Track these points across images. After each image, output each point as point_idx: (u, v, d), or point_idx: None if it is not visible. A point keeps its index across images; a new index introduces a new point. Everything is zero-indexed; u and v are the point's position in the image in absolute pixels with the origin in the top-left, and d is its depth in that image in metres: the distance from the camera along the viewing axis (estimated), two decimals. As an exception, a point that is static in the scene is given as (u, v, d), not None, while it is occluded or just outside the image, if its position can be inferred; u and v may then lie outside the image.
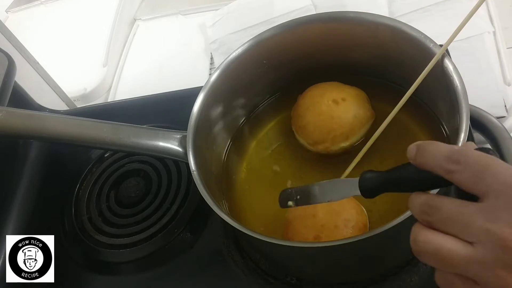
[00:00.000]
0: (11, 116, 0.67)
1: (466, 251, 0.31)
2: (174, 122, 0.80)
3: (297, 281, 0.64)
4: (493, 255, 0.30)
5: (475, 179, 0.32)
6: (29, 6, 1.45)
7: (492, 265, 0.30)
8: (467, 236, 0.32)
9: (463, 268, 0.32)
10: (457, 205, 0.33)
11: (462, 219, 0.32)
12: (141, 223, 0.75)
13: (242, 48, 0.68)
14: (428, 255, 0.34)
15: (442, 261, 0.33)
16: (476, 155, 0.33)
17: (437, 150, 0.35)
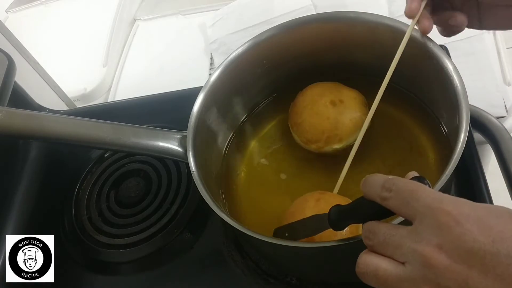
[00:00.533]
0: (11, 116, 0.67)
1: (398, 270, 0.35)
2: (174, 122, 0.80)
3: (297, 281, 0.64)
4: (419, 272, 0.33)
5: (403, 204, 0.35)
6: (29, 6, 1.45)
7: (419, 282, 0.33)
8: (399, 257, 0.35)
9: (396, 285, 0.35)
10: (390, 228, 0.37)
11: (394, 241, 0.35)
12: (141, 223, 0.75)
13: (242, 48, 0.68)
14: (368, 276, 0.37)
15: (378, 280, 0.36)
16: (404, 182, 0.36)
17: (375, 180, 0.39)
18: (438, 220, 0.33)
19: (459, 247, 0.31)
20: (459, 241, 0.31)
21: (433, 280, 0.32)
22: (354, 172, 0.65)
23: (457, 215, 0.32)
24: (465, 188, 0.66)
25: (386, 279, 0.35)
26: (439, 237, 0.32)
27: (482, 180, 0.65)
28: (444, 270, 0.32)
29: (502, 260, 0.30)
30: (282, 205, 0.66)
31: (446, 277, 0.32)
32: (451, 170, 0.48)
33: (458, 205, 0.33)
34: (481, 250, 0.31)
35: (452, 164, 0.48)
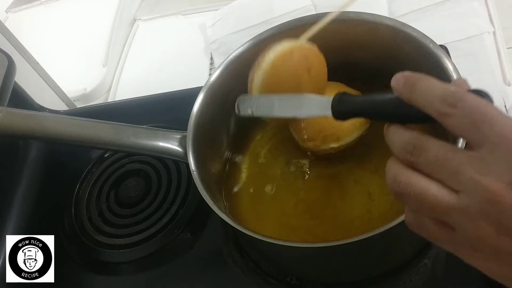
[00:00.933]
0: (11, 116, 0.67)
1: (451, 198, 0.31)
2: (174, 122, 0.81)
3: (297, 281, 0.64)
4: (478, 206, 0.30)
5: (471, 126, 0.30)
6: (29, 6, 1.45)
7: (475, 216, 0.30)
8: (454, 184, 0.31)
9: (445, 214, 0.32)
10: (446, 150, 0.32)
11: (451, 166, 0.31)
12: (141, 223, 0.75)
13: (242, 48, 0.68)
14: (410, 198, 0.33)
15: (423, 205, 0.32)
16: (475, 101, 0.31)
17: (430, 88, 0.33)
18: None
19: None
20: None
21: (494, 218, 0.29)
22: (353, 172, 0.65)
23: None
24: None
25: (435, 206, 0.31)
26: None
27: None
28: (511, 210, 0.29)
29: None
30: (282, 205, 0.66)
31: (510, 216, 0.29)
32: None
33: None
34: None
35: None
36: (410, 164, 0.33)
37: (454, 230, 0.32)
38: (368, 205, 0.62)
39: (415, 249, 0.61)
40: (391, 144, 0.35)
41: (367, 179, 0.64)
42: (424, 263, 0.61)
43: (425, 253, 0.61)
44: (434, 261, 0.61)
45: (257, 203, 0.68)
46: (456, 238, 0.32)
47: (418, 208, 0.33)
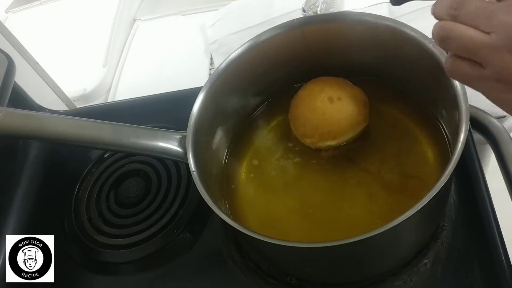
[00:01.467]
0: (10, 116, 0.67)
1: (483, 37, 0.37)
2: (174, 123, 0.80)
3: (297, 281, 0.64)
4: (504, 42, 0.36)
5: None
6: (28, 6, 1.45)
7: (501, 49, 0.36)
8: (487, 27, 0.37)
9: (477, 50, 0.38)
10: (483, 2, 0.38)
11: (486, 13, 0.37)
12: (141, 223, 0.75)
13: (241, 48, 0.68)
14: (451, 40, 0.39)
15: (461, 44, 0.39)
16: None
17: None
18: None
19: None
20: None
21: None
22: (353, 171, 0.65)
23: None
24: (465, 188, 0.66)
25: (469, 44, 0.38)
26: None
27: (482, 180, 0.65)
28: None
29: None
30: (282, 205, 0.66)
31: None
32: (451, 170, 0.48)
33: None
34: None
35: (452, 164, 0.48)
36: (454, 19, 0.39)
37: (483, 67, 0.38)
38: (369, 206, 0.62)
39: (415, 249, 0.62)
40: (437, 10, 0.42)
41: (368, 180, 0.64)
42: (424, 263, 0.61)
43: (425, 253, 0.62)
44: (434, 261, 0.61)
45: (257, 203, 0.68)
46: (485, 73, 0.38)
47: (457, 47, 0.39)
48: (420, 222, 0.55)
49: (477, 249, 0.61)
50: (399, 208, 0.48)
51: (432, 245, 0.62)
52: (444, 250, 0.62)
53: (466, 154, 0.50)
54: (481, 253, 0.60)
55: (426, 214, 0.53)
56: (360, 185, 0.64)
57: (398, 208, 0.57)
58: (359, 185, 0.64)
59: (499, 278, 0.58)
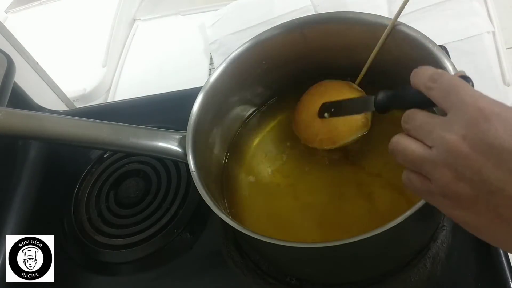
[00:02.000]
0: (10, 116, 0.66)
1: (425, 152, 0.38)
2: (174, 123, 0.81)
3: (296, 281, 0.64)
4: (441, 156, 0.37)
5: (444, 95, 0.39)
6: (28, 6, 1.45)
7: (440, 165, 0.37)
8: (429, 141, 0.38)
9: (420, 165, 0.39)
10: (427, 116, 0.40)
11: (428, 127, 0.39)
12: (141, 223, 0.75)
13: (241, 48, 0.68)
14: (396, 153, 0.41)
15: (406, 158, 0.40)
16: (450, 77, 0.39)
17: (425, 71, 0.42)
18: (469, 114, 0.36)
19: (482, 140, 0.34)
20: (483, 135, 0.34)
21: (452, 165, 0.36)
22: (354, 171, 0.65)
23: (488, 112, 0.35)
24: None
25: (412, 158, 0.39)
26: (466, 129, 0.35)
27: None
28: (464, 158, 0.35)
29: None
30: (282, 206, 0.66)
31: (463, 163, 0.35)
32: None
33: (491, 104, 0.36)
34: (500, 146, 0.34)
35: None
36: (407, 132, 0.41)
37: (430, 181, 0.38)
38: (369, 206, 0.62)
39: (415, 249, 0.62)
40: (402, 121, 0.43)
41: (369, 180, 0.64)
42: (424, 263, 0.61)
43: (425, 253, 0.61)
44: (433, 261, 0.61)
45: (257, 204, 0.68)
46: (432, 188, 0.38)
47: (402, 160, 0.41)
48: (420, 222, 0.55)
49: (477, 249, 0.61)
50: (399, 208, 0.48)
51: (432, 245, 0.62)
52: (444, 250, 0.62)
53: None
54: (481, 253, 0.60)
55: (426, 214, 0.53)
56: (361, 185, 0.64)
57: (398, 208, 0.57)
58: (360, 185, 0.64)
59: (499, 278, 0.58)
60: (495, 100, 0.36)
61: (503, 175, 0.34)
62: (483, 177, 0.34)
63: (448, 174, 0.36)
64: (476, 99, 0.36)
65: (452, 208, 0.38)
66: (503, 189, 0.34)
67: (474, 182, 0.35)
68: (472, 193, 0.35)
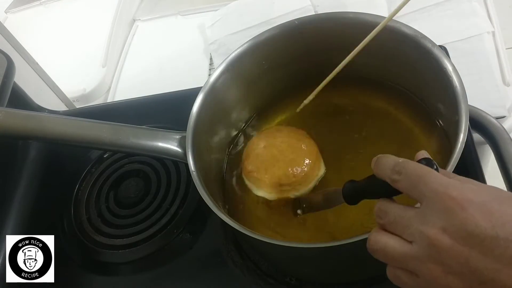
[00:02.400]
0: (10, 116, 0.66)
1: (405, 248, 0.37)
2: (174, 123, 0.80)
3: (296, 282, 0.64)
4: (424, 251, 0.36)
5: (412, 187, 0.38)
6: (28, 6, 1.45)
7: (425, 260, 0.36)
8: (407, 236, 0.37)
9: (404, 262, 0.38)
10: (400, 209, 0.39)
11: (403, 221, 0.38)
12: (140, 223, 0.75)
13: (241, 48, 0.68)
14: (377, 252, 0.40)
15: (387, 256, 0.39)
16: (414, 167, 0.38)
17: (386, 161, 0.41)
18: (443, 205, 0.35)
19: (462, 230, 0.34)
20: (462, 224, 0.34)
21: (437, 259, 0.35)
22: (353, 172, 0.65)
23: (462, 200, 0.34)
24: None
25: (393, 255, 0.38)
26: (444, 220, 0.34)
27: (482, 180, 0.65)
28: (448, 250, 0.34)
29: (501, 243, 0.32)
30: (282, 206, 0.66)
31: (449, 256, 0.34)
32: (451, 170, 0.48)
33: (463, 191, 0.35)
34: (482, 234, 0.33)
35: (451, 165, 0.48)
36: (382, 227, 0.40)
37: (418, 276, 0.37)
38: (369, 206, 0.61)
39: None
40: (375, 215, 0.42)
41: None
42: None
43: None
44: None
45: (256, 204, 0.68)
46: (422, 283, 0.37)
47: (385, 259, 0.39)
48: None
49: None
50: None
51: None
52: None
53: (465, 154, 0.50)
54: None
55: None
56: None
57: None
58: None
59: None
60: (464, 183, 0.36)
61: (492, 264, 0.33)
62: (471, 268, 0.33)
63: (435, 269, 0.35)
64: (447, 187, 0.35)
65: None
66: (494, 278, 0.33)
67: (463, 274, 0.34)
68: (463, 285, 0.34)
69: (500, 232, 0.33)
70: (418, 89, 0.67)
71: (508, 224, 0.33)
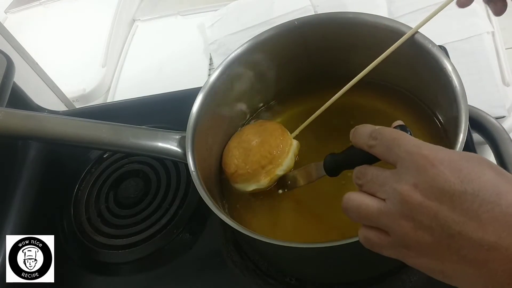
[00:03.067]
0: (10, 116, 0.66)
1: (379, 205, 0.39)
2: (173, 123, 0.81)
3: (296, 282, 0.64)
4: (396, 208, 0.37)
5: (387, 150, 0.40)
6: (28, 6, 1.45)
7: (396, 216, 0.37)
8: (382, 194, 0.39)
9: (376, 219, 0.39)
10: (377, 170, 0.40)
11: (379, 180, 0.39)
12: (140, 223, 0.75)
13: (241, 48, 0.68)
14: (350, 210, 0.41)
15: (360, 214, 0.40)
16: (389, 131, 0.40)
17: (363, 130, 0.43)
18: (416, 163, 0.36)
19: (433, 186, 0.35)
20: (432, 181, 0.35)
21: (408, 215, 0.36)
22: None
23: (433, 159, 0.36)
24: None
25: (367, 213, 0.39)
26: (416, 177, 0.36)
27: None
28: (418, 206, 0.35)
29: (468, 198, 0.34)
30: (282, 206, 0.66)
31: (419, 211, 0.35)
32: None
33: (434, 150, 0.37)
34: (451, 189, 0.34)
35: (451, 165, 0.48)
36: (360, 188, 0.42)
37: (388, 234, 0.39)
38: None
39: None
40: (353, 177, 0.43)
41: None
42: (424, 263, 0.61)
43: (424, 253, 0.61)
44: (433, 262, 0.61)
45: (256, 204, 0.68)
46: (391, 241, 0.39)
47: (357, 217, 0.41)
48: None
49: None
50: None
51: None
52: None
53: (465, 154, 0.50)
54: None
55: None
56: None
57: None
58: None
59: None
60: (435, 145, 0.37)
61: (459, 217, 0.34)
62: (440, 222, 0.35)
63: (406, 224, 0.36)
64: (420, 147, 0.37)
65: (415, 258, 0.38)
66: (461, 231, 0.34)
67: (432, 228, 0.35)
68: (432, 239, 0.35)
69: (468, 188, 0.34)
70: (418, 89, 0.67)
71: (476, 180, 0.34)
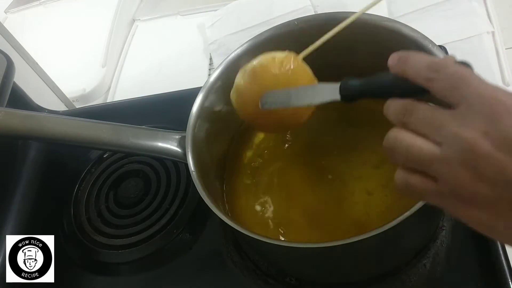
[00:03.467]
0: (10, 116, 0.66)
1: (434, 149, 0.34)
2: (173, 123, 0.81)
3: (296, 282, 0.64)
4: (456, 155, 0.33)
5: (451, 88, 0.35)
6: (28, 6, 1.45)
7: (455, 164, 0.33)
8: (437, 137, 0.34)
9: (428, 164, 0.35)
10: (432, 109, 0.36)
11: (435, 121, 0.35)
12: (140, 223, 0.75)
13: (241, 48, 0.68)
14: (397, 151, 0.37)
15: (409, 157, 0.36)
16: (454, 67, 0.36)
17: (419, 59, 0.38)
18: (490, 108, 0.32)
19: (506, 137, 0.31)
20: (507, 131, 0.31)
21: (471, 164, 0.32)
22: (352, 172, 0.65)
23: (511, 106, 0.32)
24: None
25: (419, 156, 0.35)
26: (488, 124, 0.32)
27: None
28: (485, 156, 0.32)
29: None
30: (282, 205, 0.66)
31: (485, 162, 0.32)
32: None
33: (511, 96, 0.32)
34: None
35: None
36: (403, 126, 0.37)
37: (438, 181, 0.35)
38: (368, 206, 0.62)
39: (415, 250, 0.62)
40: (387, 112, 0.39)
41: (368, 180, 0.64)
42: (424, 263, 0.61)
43: (425, 253, 0.62)
44: (433, 262, 0.61)
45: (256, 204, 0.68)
46: (440, 188, 0.35)
47: (405, 160, 0.36)
48: (420, 222, 0.55)
49: (476, 249, 0.61)
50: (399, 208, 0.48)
51: (432, 245, 0.62)
52: (443, 250, 0.62)
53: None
54: (480, 253, 0.60)
55: (425, 215, 0.53)
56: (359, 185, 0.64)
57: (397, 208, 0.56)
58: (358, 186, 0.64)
59: (498, 278, 0.58)
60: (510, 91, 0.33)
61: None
62: (507, 177, 0.31)
63: (465, 174, 0.32)
64: (495, 91, 0.33)
65: (464, 209, 0.34)
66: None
67: (496, 183, 0.31)
68: (493, 194, 0.32)
69: None
70: (418, 89, 0.67)
71: None
